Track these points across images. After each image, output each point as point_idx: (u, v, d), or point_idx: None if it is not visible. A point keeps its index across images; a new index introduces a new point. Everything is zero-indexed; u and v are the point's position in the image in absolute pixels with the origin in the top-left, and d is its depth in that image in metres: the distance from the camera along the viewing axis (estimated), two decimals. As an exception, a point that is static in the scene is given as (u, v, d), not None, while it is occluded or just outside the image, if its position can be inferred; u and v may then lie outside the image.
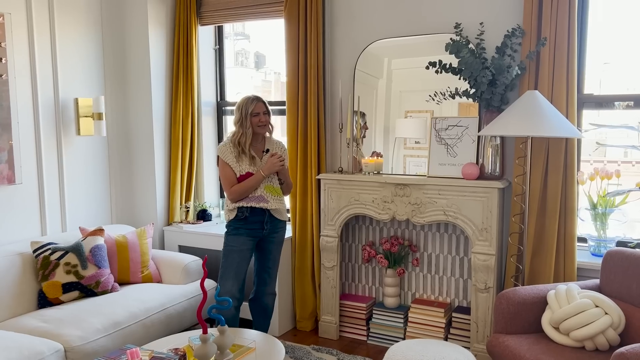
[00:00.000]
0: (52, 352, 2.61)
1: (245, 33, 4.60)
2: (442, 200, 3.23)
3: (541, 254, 3.12)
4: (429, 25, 3.40)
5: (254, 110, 3.06)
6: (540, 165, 3.08)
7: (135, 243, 3.56)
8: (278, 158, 3.05)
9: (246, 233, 3.10)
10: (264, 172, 3.02)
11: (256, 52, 4.52)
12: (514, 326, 2.61)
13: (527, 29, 3.07)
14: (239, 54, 4.65)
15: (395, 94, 3.58)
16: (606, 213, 3.09)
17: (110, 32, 3.97)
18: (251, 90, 3.80)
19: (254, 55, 4.53)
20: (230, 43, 4.64)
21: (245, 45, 4.65)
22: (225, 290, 3.05)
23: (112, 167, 4.04)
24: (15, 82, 3.33)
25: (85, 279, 3.21)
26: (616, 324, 2.43)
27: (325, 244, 3.60)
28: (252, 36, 4.47)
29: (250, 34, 4.53)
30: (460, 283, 3.49)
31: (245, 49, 4.64)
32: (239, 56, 4.65)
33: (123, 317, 3.00)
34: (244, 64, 4.64)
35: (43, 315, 2.97)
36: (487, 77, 2.99)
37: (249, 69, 4.50)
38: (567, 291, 2.55)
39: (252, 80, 4.31)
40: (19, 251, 3.19)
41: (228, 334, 2.42)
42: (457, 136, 3.29)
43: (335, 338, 3.66)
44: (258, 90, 4.33)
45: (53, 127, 3.60)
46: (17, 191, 3.39)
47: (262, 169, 3.02)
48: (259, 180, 3.03)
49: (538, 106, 2.82)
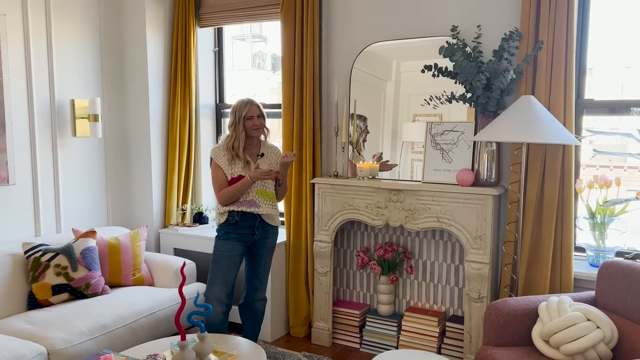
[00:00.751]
0: (35, 355, 2.60)
1: (263, 35, 4.59)
2: (436, 206, 3.16)
3: (537, 263, 3.03)
4: (427, 27, 3.33)
5: (247, 113, 3.02)
6: (536, 172, 3.00)
7: (128, 245, 3.55)
8: (262, 172, 2.95)
9: (236, 238, 3.06)
10: (251, 178, 2.97)
11: (273, 54, 4.51)
12: (503, 338, 2.53)
13: (525, 32, 2.99)
14: (256, 56, 4.64)
15: (404, 97, 3.50)
16: (605, 222, 2.99)
17: (108, 33, 3.97)
18: (267, 92, 3.77)
19: (271, 58, 4.52)
20: (248, 45, 4.65)
21: (262, 48, 4.64)
22: (213, 295, 3.01)
23: (109, 168, 4.03)
24: (10, 83, 3.34)
25: (75, 281, 3.20)
26: (608, 338, 2.34)
27: (319, 250, 3.55)
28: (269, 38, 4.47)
29: (268, 36, 4.52)
30: (455, 292, 3.41)
31: (262, 51, 4.63)
32: (256, 58, 4.64)
33: (110, 320, 2.98)
34: (260, 66, 4.62)
35: (30, 317, 2.96)
36: (482, 81, 2.91)
37: (266, 71, 4.48)
38: (558, 303, 2.46)
39: (268, 82, 4.30)
40: (10, 252, 3.19)
41: (208, 341, 2.39)
42: (453, 141, 3.22)
43: (328, 345, 3.61)
44: (274, 93, 4.30)
45: (48, 128, 3.60)
46: (10, 192, 3.39)
47: (250, 174, 2.98)
48: (246, 185, 2.98)
49: (533, 111, 2.74)
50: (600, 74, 3.21)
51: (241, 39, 4.67)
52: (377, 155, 3.52)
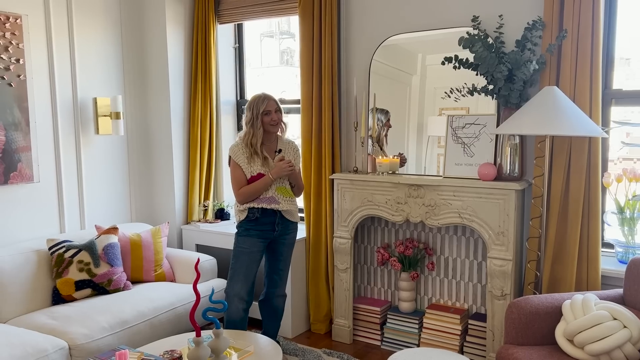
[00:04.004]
0: (56, 350, 2.63)
1: (291, 32, 4.57)
2: (457, 202, 3.09)
3: (562, 260, 2.94)
4: (448, 18, 3.25)
5: (265, 108, 3.00)
6: (561, 166, 2.90)
7: (149, 242, 3.58)
8: (287, 163, 2.97)
9: (257, 234, 3.04)
10: (272, 176, 2.96)
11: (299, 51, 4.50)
12: (525, 337, 2.46)
13: (548, 21, 2.89)
14: (284, 53, 4.63)
15: (430, 91, 3.42)
16: (635, 217, 2.87)
17: (129, 31, 4.00)
18: (296, 89, 3.75)
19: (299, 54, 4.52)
20: (276, 42, 4.62)
21: (290, 44, 4.62)
22: (234, 292, 3.01)
23: (131, 165, 4.07)
24: (33, 83, 3.40)
25: (98, 277, 3.25)
26: (636, 338, 2.24)
27: (339, 246, 3.52)
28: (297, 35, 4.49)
29: (296, 32, 4.49)
30: (478, 289, 3.34)
31: (290, 48, 4.61)
32: (284, 55, 4.63)
33: (131, 316, 3.01)
34: (289, 63, 4.61)
35: (54, 312, 3.01)
36: (503, 72, 2.83)
37: (295, 68, 4.46)
38: (583, 301, 2.37)
39: (296, 79, 4.29)
40: (35, 248, 3.25)
41: (223, 337, 2.38)
42: (475, 135, 3.14)
43: (349, 342, 3.58)
44: None
45: (72, 127, 3.66)
46: (35, 189, 3.46)
47: (271, 172, 2.96)
48: (267, 183, 2.97)
49: (557, 103, 2.65)
50: (638, 65, 3.07)
51: (269, 36, 4.66)
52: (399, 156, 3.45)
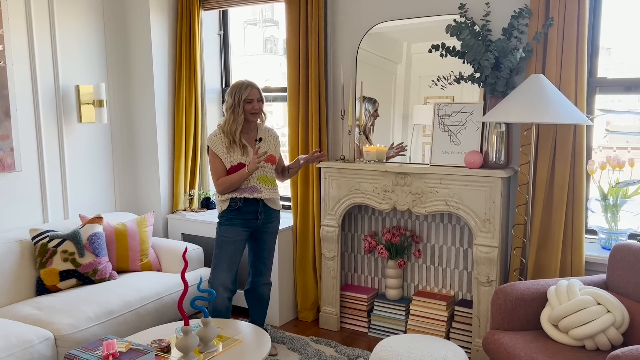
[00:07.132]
0: (41, 340, 2.61)
1: (275, 20, 4.53)
2: (443, 189, 3.10)
3: (547, 246, 2.97)
4: (435, 6, 3.24)
5: (247, 96, 2.96)
6: (547, 154, 2.92)
7: (135, 231, 3.55)
8: (257, 157, 2.85)
9: (240, 223, 3.02)
10: (248, 170, 2.91)
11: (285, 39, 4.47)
12: (511, 322, 2.49)
13: (535, 9, 2.90)
14: (267, 41, 4.58)
15: (415, 79, 3.42)
16: (618, 204, 2.92)
17: (112, 17, 3.93)
18: (280, 77, 3.71)
19: (283, 42, 4.48)
20: (259, 30, 4.57)
21: (274, 32, 4.58)
22: (219, 281, 3.00)
23: (115, 154, 4.02)
24: (13, 69, 3.32)
25: (82, 267, 3.21)
26: (619, 322, 2.29)
27: (326, 234, 3.52)
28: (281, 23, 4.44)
29: (280, 20, 4.45)
30: (464, 275, 3.37)
31: (274, 36, 4.57)
32: (268, 43, 4.59)
33: (117, 306, 2.99)
34: (272, 51, 4.57)
35: (38, 302, 2.97)
36: (490, 60, 2.83)
37: (278, 56, 4.42)
38: (567, 287, 2.41)
39: (280, 67, 4.26)
40: (18, 238, 3.20)
41: (211, 326, 2.37)
42: (461, 123, 3.15)
43: (336, 329, 3.59)
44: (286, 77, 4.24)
45: (54, 114, 3.59)
46: (17, 178, 3.40)
47: (247, 167, 2.92)
48: (244, 176, 2.92)
49: (543, 91, 2.66)
50: (618, 54, 3.11)
51: (253, 24, 4.61)
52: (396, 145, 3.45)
